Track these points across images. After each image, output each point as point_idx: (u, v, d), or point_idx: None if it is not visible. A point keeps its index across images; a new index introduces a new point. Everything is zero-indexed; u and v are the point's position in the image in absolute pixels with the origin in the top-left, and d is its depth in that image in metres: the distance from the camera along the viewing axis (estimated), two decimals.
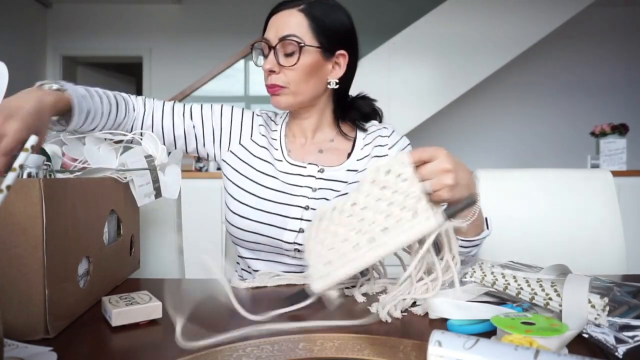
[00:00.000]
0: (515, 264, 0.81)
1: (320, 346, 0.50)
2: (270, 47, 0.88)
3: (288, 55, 0.87)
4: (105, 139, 0.81)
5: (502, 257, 0.88)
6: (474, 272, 0.67)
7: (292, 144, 0.97)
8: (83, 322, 0.59)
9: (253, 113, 1.01)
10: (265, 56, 0.91)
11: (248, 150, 0.95)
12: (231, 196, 0.92)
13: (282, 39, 0.87)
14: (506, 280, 0.63)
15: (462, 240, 0.75)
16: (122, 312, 0.57)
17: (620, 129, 2.86)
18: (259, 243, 0.89)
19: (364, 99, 1.00)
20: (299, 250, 0.87)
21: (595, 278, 0.73)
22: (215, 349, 0.48)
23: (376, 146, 0.95)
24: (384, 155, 0.94)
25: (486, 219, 0.79)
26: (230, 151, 0.96)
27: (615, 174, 1.28)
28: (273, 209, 0.88)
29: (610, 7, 4.46)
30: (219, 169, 3.21)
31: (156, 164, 0.84)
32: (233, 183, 0.93)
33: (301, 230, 0.87)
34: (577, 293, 0.56)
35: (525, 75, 4.52)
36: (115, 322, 0.56)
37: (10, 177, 0.38)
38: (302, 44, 0.87)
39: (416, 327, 0.57)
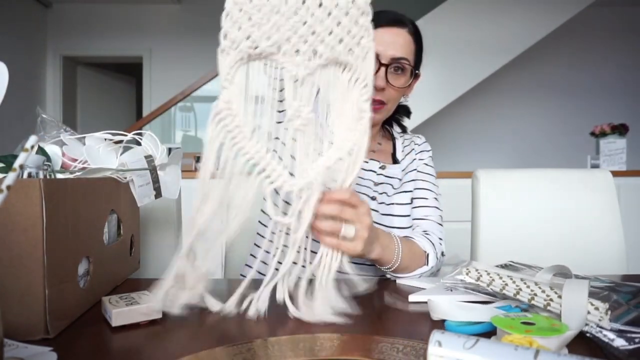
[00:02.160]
0: (516, 264, 0.81)
1: (320, 346, 0.50)
2: (381, 64, 0.88)
3: (395, 74, 0.90)
4: (105, 139, 0.81)
5: (502, 257, 0.88)
6: (469, 272, 0.67)
7: None
8: (83, 322, 0.59)
9: None
10: None
11: None
12: None
13: (396, 60, 0.89)
14: (503, 281, 0.63)
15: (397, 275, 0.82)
16: (122, 312, 0.57)
17: (620, 129, 2.85)
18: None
19: (403, 107, 1.08)
20: None
21: (595, 278, 0.73)
22: (215, 349, 0.48)
23: (412, 150, 1.03)
24: (414, 159, 1.02)
25: (427, 255, 0.86)
26: None
27: (615, 174, 1.28)
28: None
29: (610, 7, 4.45)
30: None
31: (156, 164, 0.84)
32: None
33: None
34: (577, 294, 0.56)
35: (525, 75, 4.52)
36: (115, 322, 0.56)
37: (10, 177, 0.38)
38: (412, 68, 0.92)
39: (416, 327, 0.57)
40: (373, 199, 0.92)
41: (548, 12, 3.38)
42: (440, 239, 0.93)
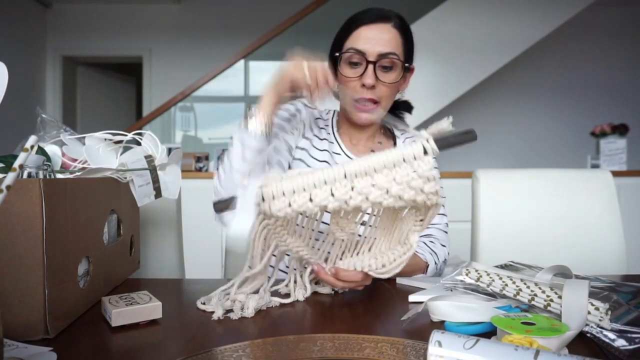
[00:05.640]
0: (516, 264, 0.81)
1: (320, 346, 0.50)
2: (368, 61, 0.88)
3: (383, 70, 0.89)
4: (105, 139, 0.81)
5: (502, 257, 0.88)
6: (469, 272, 0.67)
7: (345, 141, 1.00)
8: (83, 322, 0.59)
9: (304, 106, 1.00)
10: (353, 65, 0.90)
11: (310, 142, 0.97)
12: None
13: (383, 56, 0.88)
14: (503, 282, 0.63)
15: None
16: (122, 312, 0.57)
17: (620, 129, 2.86)
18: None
19: (404, 103, 1.06)
20: None
21: (595, 278, 0.73)
22: (215, 349, 0.48)
23: None
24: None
25: (427, 266, 0.90)
26: (296, 146, 0.98)
27: (615, 174, 1.28)
28: None
29: (611, 7, 4.45)
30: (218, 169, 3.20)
31: (156, 164, 0.84)
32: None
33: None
34: (577, 294, 0.56)
35: (525, 75, 4.51)
36: (115, 322, 0.56)
37: (10, 177, 0.38)
38: (401, 62, 0.90)
39: (416, 327, 0.57)
40: None
41: (548, 12, 3.38)
42: (444, 245, 0.97)
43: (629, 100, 4.56)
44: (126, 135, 0.82)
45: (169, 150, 0.93)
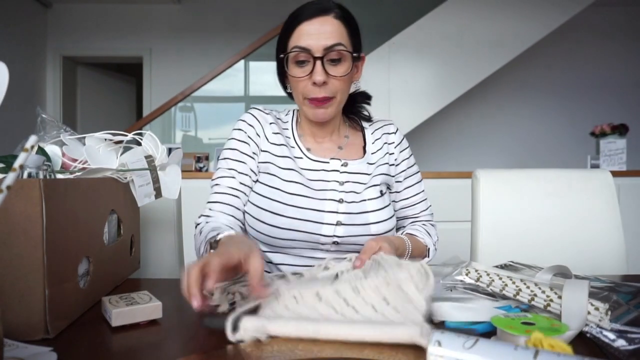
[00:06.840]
0: (515, 264, 0.81)
1: (320, 346, 0.50)
2: (315, 58, 0.84)
3: (332, 64, 0.86)
4: (106, 139, 0.81)
5: (502, 257, 0.88)
6: (469, 272, 0.67)
7: (309, 143, 0.97)
8: (83, 322, 0.60)
9: (258, 113, 0.97)
10: (300, 63, 0.87)
11: (269, 152, 0.94)
12: (260, 195, 0.90)
13: (329, 49, 0.84)
14: (503, 282, 0.63)
15: None
16: (122, 312, 0.57)
17: (620, 129, 2.85)
18: (295, 240, 0.88)
19: (361, 94, 1.03)
20: (337, 243, 0.88)
21: (595, 278, 0.73)
22: (215, 349, 0.48)
23: (385, 143, 1.00)
24: (392, 153, 1.00)
25: (428, 249, 0.98)
26: (258, 161, 0.95)
27: (615, 174, 1.28)
28: (308, 205, 0.88)
29: (611, 7, 4.45)
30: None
31: (156, 164, 0.84)
32: (261, 183, 0.92)
33: (338, 223, 0.88)
34: (577, 294, 0.56)
35: (525, 75, 4.51)
36: (115, 322, 0.56)
37: (10, 177, 0.38)
38: (350, 53, 0.87)
39: None
40: (340, 201, 0.89)
41: (548, 12, 3.38)
42: (433, 225, 1.05)
43: (629, 100, 4.56)
44: (126, 136, 0.82)
45: (169, 151, 0.93)
